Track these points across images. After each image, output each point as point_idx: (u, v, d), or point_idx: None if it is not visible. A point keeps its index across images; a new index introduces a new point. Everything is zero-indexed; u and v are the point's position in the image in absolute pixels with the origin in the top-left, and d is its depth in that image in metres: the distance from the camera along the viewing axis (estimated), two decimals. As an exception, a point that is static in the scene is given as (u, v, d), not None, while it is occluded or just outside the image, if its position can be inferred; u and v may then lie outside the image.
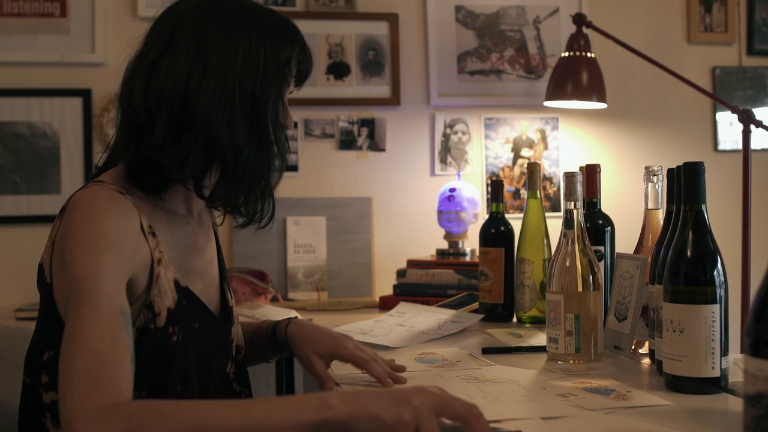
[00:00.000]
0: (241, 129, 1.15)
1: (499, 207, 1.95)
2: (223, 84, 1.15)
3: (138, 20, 2.69)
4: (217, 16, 1.18)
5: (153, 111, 1.14)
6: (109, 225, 1.08)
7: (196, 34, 1.16)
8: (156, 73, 1.15)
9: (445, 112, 2.88)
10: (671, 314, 1.20)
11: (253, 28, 1.18)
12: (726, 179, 2.85)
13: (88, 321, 0.99)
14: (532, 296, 1.82)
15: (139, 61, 1.19)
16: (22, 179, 2.66)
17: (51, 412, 1.13)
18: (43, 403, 1.14)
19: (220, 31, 1.17)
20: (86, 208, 1.09)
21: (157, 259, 1.15)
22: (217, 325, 1.28)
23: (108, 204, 1.10)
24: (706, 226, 1.21)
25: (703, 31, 3.01)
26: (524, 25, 2.93)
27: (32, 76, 2.68)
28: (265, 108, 1.18)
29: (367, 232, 2.77)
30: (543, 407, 1.14)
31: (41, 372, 1.14)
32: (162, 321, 1.14)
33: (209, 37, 1.16)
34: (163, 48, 1.17)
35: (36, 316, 1.20)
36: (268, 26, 1.21)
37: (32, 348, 1.19)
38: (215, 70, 1.15)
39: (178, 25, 1.18)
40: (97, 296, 1.01)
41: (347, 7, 2.82)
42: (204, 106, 1.13)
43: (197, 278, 1.26)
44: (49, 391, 1.13)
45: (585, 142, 2.95)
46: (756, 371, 0.79)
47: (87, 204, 1.09)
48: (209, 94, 1.14)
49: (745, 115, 2.23)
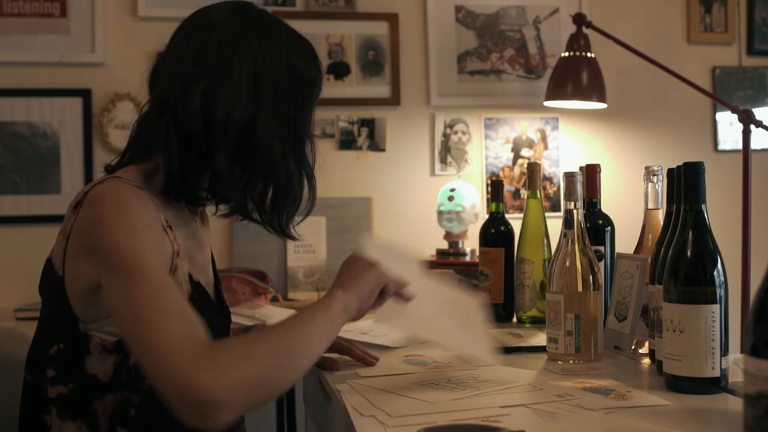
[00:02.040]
0: (292, 157, 1.21)
1: (499, 207, 1.95)
2: (276, 113, 1.19)
3: (138, 20, 2.69)
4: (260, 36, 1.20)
5: (217, 138, 1.16)
6: (142, 212, 1.10)
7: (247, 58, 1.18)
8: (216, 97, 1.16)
9: (445, 112, 2.88)
10: (671, 314, 1.20)
11: (289, 48, 1.21)
12: (726, 179, 2.85)
13: (150, 290, 1.00)
14: (532, 296, 1.82)
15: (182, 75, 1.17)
16: (22, 179, 2.66)
17: (57, 407, 1.14)
18: (47, 398, 1.14)
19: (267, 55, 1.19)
20: (115, 197, 1.10)
21: (176, 251, 1.17)
22: (220, 320, 1.31)
23: (134, 195, 1.11)
24: (706, 226, 1.21)
25: (703, 31, 3.01)
26: (524, 25, 2.93)
27: (32, 76, 2.68)
28: (304, 134, 1.24)
29: (367, 232, 2.77)
30: (543, 407, 1.14)
31: (47, 366, 1.15)
32: None
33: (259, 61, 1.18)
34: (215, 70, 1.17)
35: (36, 316, 1.20)
36: (302, 47, 1.24)
37: (35, 344, 1.19)
38: (270, 98, 1.18)
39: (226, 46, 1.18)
40: (150, 269, 1.03)
41: (347, 7, 2.82)
42: (267, 137, 1.17)
43: (202, 273, 1.29)
44: (56, 385, 1.14)
45: (585, 142, 2.95)
46: (756, 371, 0.79)
47: (115, 194, 1.10)
48: (269, 125, 1.18)
49: (745, 115, 2.23)
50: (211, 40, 1.18)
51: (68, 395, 1.14)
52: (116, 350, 1.13)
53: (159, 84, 1.20)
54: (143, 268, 1.02)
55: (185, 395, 0.93)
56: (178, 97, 1.16)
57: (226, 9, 1.22)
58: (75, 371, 1.13)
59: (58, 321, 1.14)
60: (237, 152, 1.17)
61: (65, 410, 1.14)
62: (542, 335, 1.56)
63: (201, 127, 1.15)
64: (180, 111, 1.15)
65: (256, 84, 1.17)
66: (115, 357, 1.13)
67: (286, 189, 1.22)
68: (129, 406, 1.14)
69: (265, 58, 1.18)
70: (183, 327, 0.98)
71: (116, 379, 1.14)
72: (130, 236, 1.05)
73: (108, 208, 1.08)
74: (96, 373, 1.13)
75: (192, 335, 0.98)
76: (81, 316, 1.12)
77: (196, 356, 0.95)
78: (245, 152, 1.18)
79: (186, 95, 1.15)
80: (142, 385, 1.13)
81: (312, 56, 1.25)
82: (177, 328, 0.98)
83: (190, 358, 0.94)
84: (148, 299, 0.99)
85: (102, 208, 1.09)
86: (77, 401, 1.14)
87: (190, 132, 1.15)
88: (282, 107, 1.19)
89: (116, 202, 1.09)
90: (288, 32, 1.23)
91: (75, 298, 1.12)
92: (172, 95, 1.16)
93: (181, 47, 1.19)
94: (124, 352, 1.13)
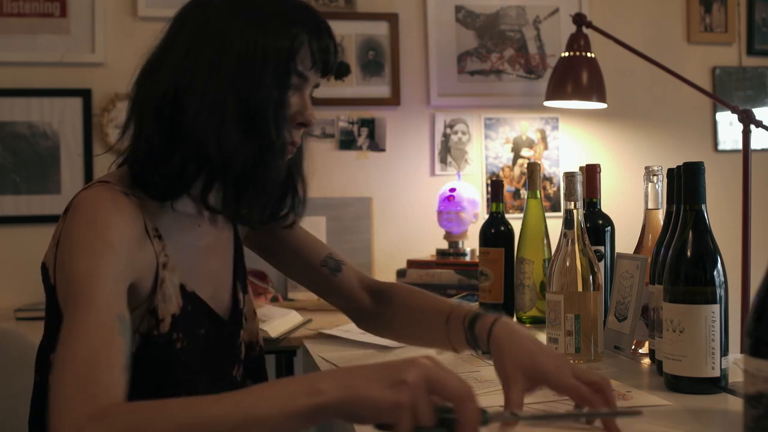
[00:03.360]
0: (235, 133, 1.08)
1: (499, 207, 1.95)
2: (213, 87, 1.07)
3: (138, 20, 2.69)
4: (217, 12, 1.11)
5: (142, 118, 1.10)
6: (109, 227, 1.03)
7: (193, 32, 1.11)
8: (149, 74, 1.12)
9: (445, 112, 2.88)
10: (671, 314, 1.20)
11: (249, 21, 1.10)
12: (726, 179, 2.85)
13: (82, 325, 0.93)
14: (532, 296, 1.82)
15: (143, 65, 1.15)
16: (22, 179, 2.66)
17: None
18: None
19: (212, 29, 1.10)
20: (87, 209, 1.05)
21: (162, 263, 1.11)
22: (224, 329, 1.24)
23: (109, 206, 1.05)
24: (706, 226, 1.21)
25: (703, 31, 3.01)
26: (524, 25, 2.93)
27: (32, 76, 2.68)
28: (263, 108, 1.09)
29: (367, 232, 2.77)
30: (543, 407, 1.14)
31: (48, 372, 1.11)
32: (166, 327, 1.11)
33: (201, 37, 1.10)
34: (160, 52, 1.13)
35: (39, 316, 1.19)
36: (267, 16, 1.11)
37: (42, 346, 1.16)
38: (204, 72, 1.08)
39: (182, 23, 1.14)
40: (94, 299, 0.95)
41: (347, 7, 2.82)
42: (191, 113, 1.07)
43: (207, 282, 1.22)
44: None
45: (585, 142, 2.95)
46: (756, 371, 0.79)
47: (88, 205, 1.05)
48: (197, 100, 1.07)
49: (745, 115, 2.23)
50: (175, 26, 1.15)
51: None
52: None
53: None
54: (85, 297, 0.95)
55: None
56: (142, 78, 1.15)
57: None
58: None
59: (53, 329, 1.10)
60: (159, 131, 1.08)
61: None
62: (542, 335, 1.56)
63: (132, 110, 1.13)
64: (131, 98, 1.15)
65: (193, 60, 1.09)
66: None
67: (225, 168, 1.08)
68: None
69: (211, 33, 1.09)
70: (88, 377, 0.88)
71: None
72: (87, 258, 0.99)
73: (77, 221, 1.03)
74: None
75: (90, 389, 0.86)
76: None
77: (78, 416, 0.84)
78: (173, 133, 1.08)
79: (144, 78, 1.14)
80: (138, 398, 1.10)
81: (280, 23, 1.11)
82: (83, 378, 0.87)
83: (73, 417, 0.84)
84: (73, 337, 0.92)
85: (74, 220, 1.04)
86: None
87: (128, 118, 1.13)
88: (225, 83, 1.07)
89: (86, 216, 1.03)
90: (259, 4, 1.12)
91: (63, 307, 1.06)
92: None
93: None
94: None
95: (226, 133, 1.07)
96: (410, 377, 0.82)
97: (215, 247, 1.25)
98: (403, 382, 0.82)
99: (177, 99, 1.08)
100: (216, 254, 1.25)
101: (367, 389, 0.82)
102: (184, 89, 1.07)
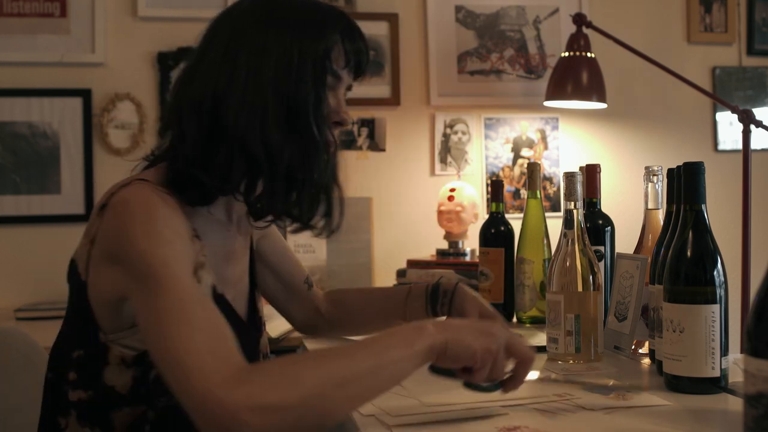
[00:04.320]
0: (277, 131, 1.09)
1: (499, 207, 1.95)
2: (253, 87, 1.10)
3: (138, 20, 2.69)
4: (251, 17, 1.14)
5: (183, 121, 1.11)
6: (170, 219, 1.04)
7: (228, 37, 1.13)
8: (188, 80, 1.14)
9: (445, 112, 2.88)
10: (671, 314, 1.20)
11: (284, 23, 1.13)
12: (726, 179, 2.85)
13: (179, 302, 0.95)
14: (532, 296, 1.82)
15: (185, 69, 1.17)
16: (22, 179, 2.66)
17: (78, 411, 1.11)
18: (68, 401, 1.12)
19: (251, 31, 1.12)
20: (141, 203, 1.04)
21: (201, 262, 1.12)
22: (248, 334, 1.25)
23: (161, 201, 1.06)
24: (706, 226, 1.21)
25: (703, 31, 3.01)
26: (524, 25, 2.93)
27: (32, 76, 2.68)
28: (303, 107, 1.11)
29: (367, 232, 2.77)
30: (543, 407, 1.14)
31: (69, 369, 1.12)
32: None
33: (240, 39, 1.12)
34: (199, 55, 1.15)
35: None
36: (302, 18, 1.14)
37: (59, 343, 1.16)
38: (245, 73, 1.10)
39: (215, 31, 1.16)
40: (180, 280, 0.97)
41: (347, 7, 2.82)
42: (233, 112, 1.09)
43: (230, 287, 1.24)
44: (77, 389, 1.11)
45: (585, 142, 2.95)
46: (756, 371, 0.79)
47: (140, 200, 1.05)
48: (238, 99, 1.09)
49: (745, 115, 2.23)
50: (210, 31, 1.17)
51: (87, 401, 1.11)
52: (135, 364, 1.09)
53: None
54: (171, 279, 0.97)
55: (212, 415, 0.86)
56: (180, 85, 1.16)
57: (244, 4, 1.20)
58: (94, 380, 1.10)
59: (80, 326, 1.11)
60: (201, 132, 1.10)
61: (84, 416, 1.11)
62: (542, 335, 1.56)
63: (172, 113, 1.13)
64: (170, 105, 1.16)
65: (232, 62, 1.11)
66: (134, 371, 1.10)
67: (271, 165, 1.10)
68: (145, 422, 1.11)
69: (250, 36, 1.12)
70: (214, 343, 0.92)
71: (134, 393, 1.10)
72: (157, 245, 1.00)
73: (134, 214, 1.03)
74: (114, 385, 1.10)
75: (223, 353, 0.91)
76: (102, 325, 1.09)
77: (227, 376, 0.88)
78: (215, 133, 1.10)
79: (183, 85, 1.15)
80: (158, 401, 1.10)
81: (317, 25, 1.14)
82: (207, 345, 0.91)
83: (221, 377, 0.88)
84: (177, 312, 0.94)
85: (128, 214, 1.04)
86: (96, 409, 1.11)
87: (167, 121, 1.15)
88: (266, 83, 1.10)
89: (143, 209, 1.04)
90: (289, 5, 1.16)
91: (97, 306, 1.08)
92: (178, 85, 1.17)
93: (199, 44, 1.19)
94: (143, 366, 1.09)
95: (270, 131, 1.09)
96: (498, 333, 1.03)
97: (238, 253, 1.27)
98: (492, 335, 1.03)
99: (217, 102, 1.10)
100: (237, 261, 1.27)
101: (465, 335, 1.01)
102: (223, 92, 1.10)
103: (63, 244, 2.68)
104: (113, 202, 1.06)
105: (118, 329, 1.09)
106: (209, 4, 2.57)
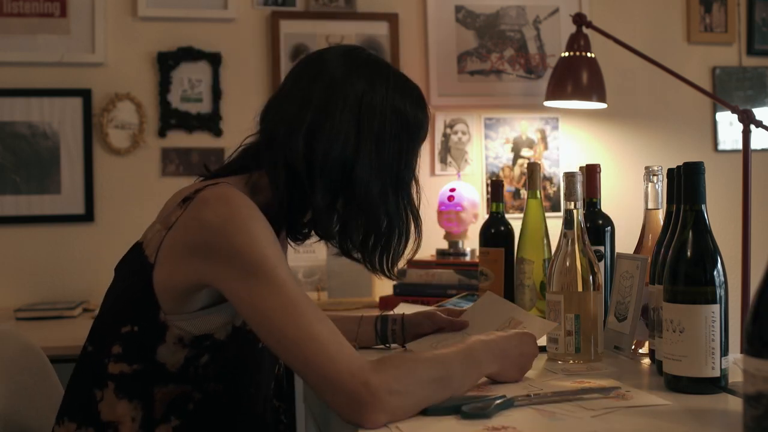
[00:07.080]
0: (392, 197, 1.25)
1: (499, 207, 1.95)
2: (377, 154, 1.21)
3: (138, 20, 2.69)
4: (368, 79, 1.23)
5: (316, 176, 1.19)
6: (267, 224, 1.13)
7: (351, 99, 1.21)
8: (318, 137, 1.19)
9: (445, 112, 2.88)
10: (671, 314, 1.20)
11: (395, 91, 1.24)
12: (726, 179, 2.85)
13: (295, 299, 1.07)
14: (532, 296, 1.82)
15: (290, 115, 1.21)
16: (22, 179, 2.66)
17: (117, 383, 1.15)
18: (107, 373, 1.16)
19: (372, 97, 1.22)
20: (244, 204, 1.12)
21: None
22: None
23: (252, 204, 1.14)
24: (706, 226, 1.21)
25: (703, 31, 3.01)
26: (524, 25, 2.93)
27: (32, 76, 2.68)
28: (408, 175, 1.28)
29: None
30: (543, 407, 1.14)
31: (114, 343, 1.16)
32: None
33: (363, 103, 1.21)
34: (320, 110, 1.20)
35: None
36: (410, 90, 1.27)
37: (104, 318, 1.21)
38: (373, 139, 1.21)
39: (333, 88, 1.21)
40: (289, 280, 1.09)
41: (347, 7, 2.82)
42: (365, 177, 1.20)
43: None
44: (120, 362, 1.15)
45: (585, 142, 2.95)
46: (756, 371, 0.79)
47: (242, 201, 1.12)
48: (368, 165, 1.21)
49: (745, 115, 2.23)
50: (318, 82, 1.22)
51: (130, 375, 1.15)
52: (191, 345, 1.15)
53: (269, 119, 1.24)
54: (280, 278, 1.08)
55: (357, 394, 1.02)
56: (284, 135, 1.20)
57: (337, 53, 1.27)
58: (144, 355, 1.15)
59: (137, 305, 1.15)
60: (335, 191, 1.21)
61: (123, 388, 1.15)
62: (542, 335, 1.56)
63: (303, 166, 1.19)
64: (286, 149, 1.20)
65: (358, 125, 1.20)
66: (188, 351, 1.15)
67: (388, 230, 1.25)
68: (189, 400, 1.16)
69: (369, 99, 1.22)
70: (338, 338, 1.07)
71: (183, 373, 1.16)
72: (265, 245, 1.09)
73: (236, 213, 1.10)
74: (165, 363, 1.15)
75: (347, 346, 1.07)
76: (164, 307, 1.14)
77: (363, 364, 1.04)
78: (344, 192, 1.21)
79: (291, 134, 1.20)
80: (207, 385, 1.16)
81: (419, 100, 1.28)
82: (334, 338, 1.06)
83: (359, 364, 1.04)
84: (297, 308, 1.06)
85: (225, 211, 1.10)
86: (138, 382, 1.15)
87: (293, 169, 1.19)
88: (383, 148, 1.22)
89: (245, 209, 1.11)
90: (397, 76, 1.28)
91: (163, 289, 1.13)
92: (281, 133, 1.21)
93: (291, 87, 1.25)
94: (198, 349, 1.16)
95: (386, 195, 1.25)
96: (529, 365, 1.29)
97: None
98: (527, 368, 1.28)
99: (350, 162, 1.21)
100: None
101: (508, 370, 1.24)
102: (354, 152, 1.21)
103: (63, 244, 2.69)
104: (203, 197, 1.13)
105: (177, 312, 1.14)
106: (209, 4, 2.58)
